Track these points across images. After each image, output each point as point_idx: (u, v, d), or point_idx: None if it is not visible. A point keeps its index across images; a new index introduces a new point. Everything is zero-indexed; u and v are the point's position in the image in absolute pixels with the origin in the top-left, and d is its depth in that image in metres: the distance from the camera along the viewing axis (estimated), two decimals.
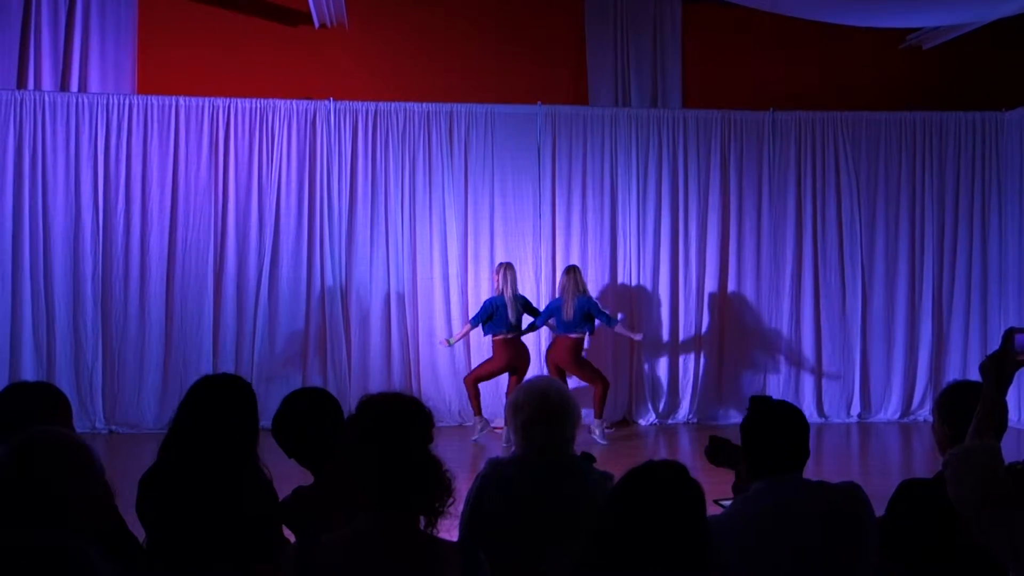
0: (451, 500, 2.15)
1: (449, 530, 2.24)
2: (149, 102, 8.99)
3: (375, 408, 2.22)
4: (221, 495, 2.64)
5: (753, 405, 2.78)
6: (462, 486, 2.79)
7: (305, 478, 2.98)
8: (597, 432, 8.42)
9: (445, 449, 2.32)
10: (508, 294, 8.29)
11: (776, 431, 2.69)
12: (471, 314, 9.21)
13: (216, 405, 2.77)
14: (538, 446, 2.91)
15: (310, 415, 2.87)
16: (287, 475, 3.02)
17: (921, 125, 9.94)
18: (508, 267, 8.43)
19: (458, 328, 9.19)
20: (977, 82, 10.16)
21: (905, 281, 9.90)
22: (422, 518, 2.14)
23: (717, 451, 3.11)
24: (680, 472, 2.13)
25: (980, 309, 9.91)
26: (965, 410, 2.71)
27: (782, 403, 2.80)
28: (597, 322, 8.46)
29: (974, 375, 2.34)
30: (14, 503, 1.77)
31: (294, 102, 9.21)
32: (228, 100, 9.11)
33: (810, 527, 2.58)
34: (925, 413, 9.68)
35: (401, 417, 2.19)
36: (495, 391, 9.08)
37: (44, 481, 1.79)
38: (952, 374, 9.43)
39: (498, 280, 8.39)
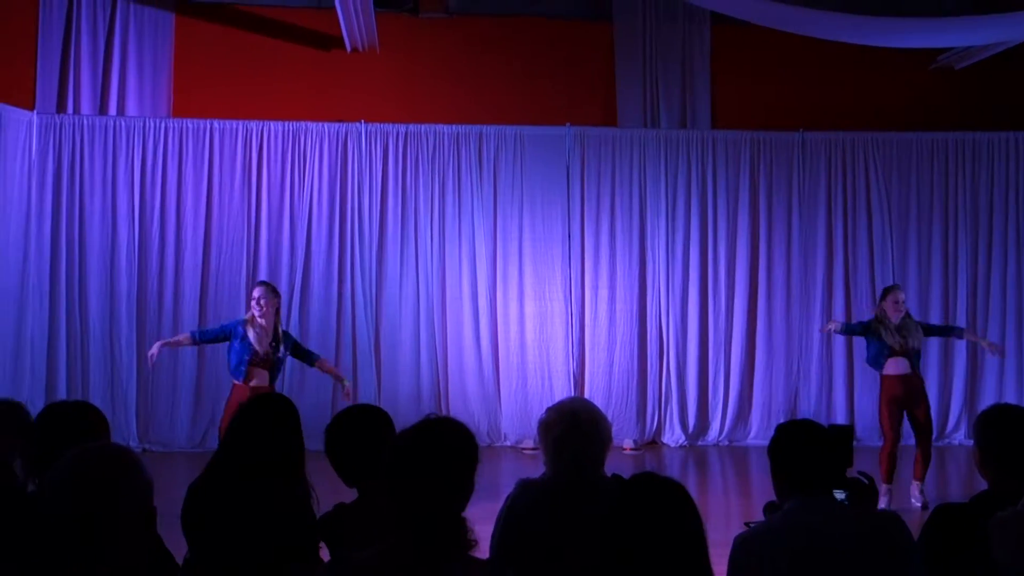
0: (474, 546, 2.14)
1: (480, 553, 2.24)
2: (184, 125, 9.16)
3: (427, 431, 2.21)
4: (262, 509, 2.68)
5: (780, 427, 2.81)
6: (493, 506, 2.79)
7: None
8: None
9: None
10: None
11: (804, 449, 2.69)
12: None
13: (261, 420, 2.86)
14: (567, 467, 2.91)
15: (362, 432, 2.88)
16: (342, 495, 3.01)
17: (953, 145, 9.85)
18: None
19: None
20: (1009, 102, 10.06)
21: (938, 304, 9.77)
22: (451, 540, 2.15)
23: None
24: (660, 482, 2.20)
25: (1015, 332, 9.75)
26: (999, 434, 2.69)
27: (807, 422, 2.81)
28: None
29: (1010, 399, 2.34)
30: (69, 519, 1.78)
31: (326, 125, 9.32)
32: (261, 123, 9.25)
33: (841, 555, 2.55)
34: (960, 437, 9.53)
35: (450, 444, 2.18)
36: (524, 409, 9.10)
37: (102, 497, 1.80)
38: (987, 399, 9.27)
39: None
